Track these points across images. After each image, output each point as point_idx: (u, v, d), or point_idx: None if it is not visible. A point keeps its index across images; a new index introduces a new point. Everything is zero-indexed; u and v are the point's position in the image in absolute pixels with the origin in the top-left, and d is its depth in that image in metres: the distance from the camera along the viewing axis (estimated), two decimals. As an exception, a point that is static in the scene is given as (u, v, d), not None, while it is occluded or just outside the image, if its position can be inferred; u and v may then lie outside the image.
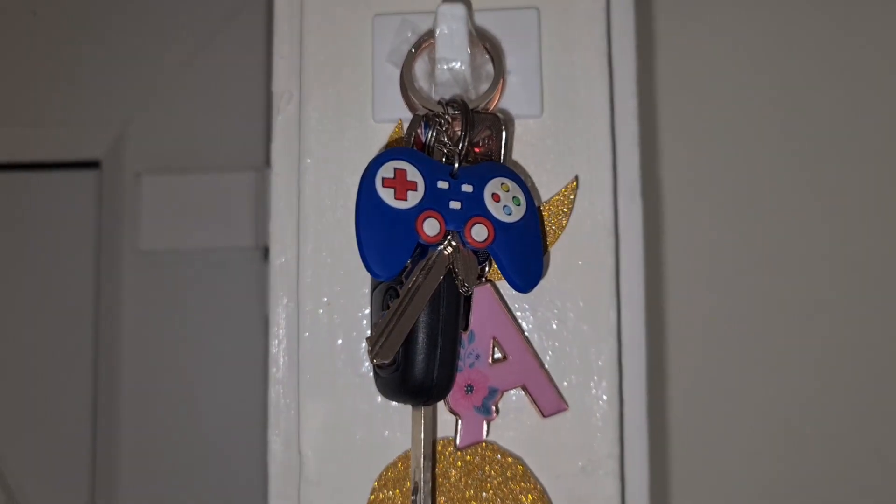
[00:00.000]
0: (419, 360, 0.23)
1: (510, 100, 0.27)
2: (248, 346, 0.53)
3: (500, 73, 0.26)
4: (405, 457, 0.27)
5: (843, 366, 0.49)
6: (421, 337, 0.23)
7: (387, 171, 0.23)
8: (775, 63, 0.51)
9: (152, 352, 0.54)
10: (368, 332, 0.27)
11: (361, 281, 0.27)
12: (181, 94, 0.56)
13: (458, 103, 0.25)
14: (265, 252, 0.54)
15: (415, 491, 0.25)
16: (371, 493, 0.27)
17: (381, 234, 0.22)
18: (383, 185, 0.23)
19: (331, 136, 0.29)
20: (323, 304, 0.28)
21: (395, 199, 0.23)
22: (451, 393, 0.25)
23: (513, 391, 0.26)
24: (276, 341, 0.29)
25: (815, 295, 0.50)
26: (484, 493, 0.26)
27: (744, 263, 0.49)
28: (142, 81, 0.57)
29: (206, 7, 0.57)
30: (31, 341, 0.56)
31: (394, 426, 0.27)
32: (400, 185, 0.23)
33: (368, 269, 0.22)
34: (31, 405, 0.56)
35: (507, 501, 0.26)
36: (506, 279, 0.24)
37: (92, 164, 0.57)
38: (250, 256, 0.54)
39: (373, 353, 0.22)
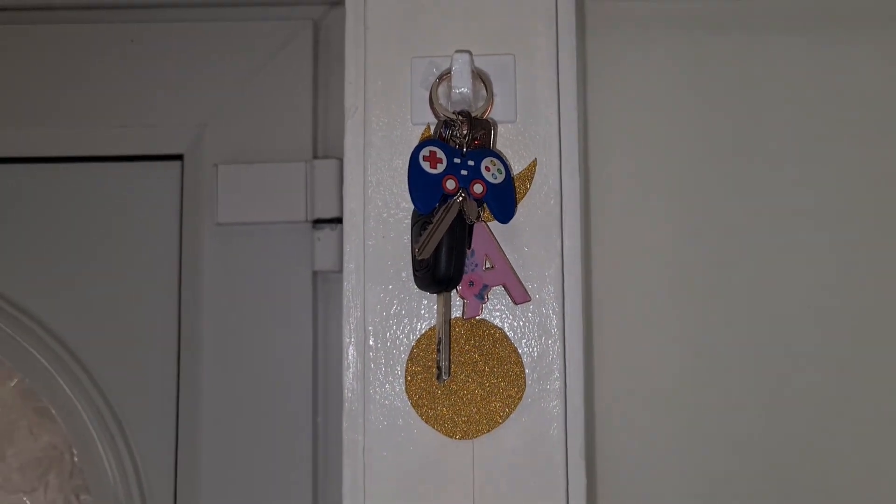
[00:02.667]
0: (442, 263, 0.41)
1: (496, 111, 0.45)
2: (298, 298, 0.71)
3: (490, 96, 0.45)
4: (425, 336, 0.45)
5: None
6: (444, 249, 0.41)
7: (425, 151, 0.41)
8: (689, 83, 0.69)
9: (225, 300, 0.72)
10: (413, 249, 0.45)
11: (404, 230, 0.45)
12: (245, 103, 0.74)
13: (465, 114, 0.44)
14: (313, 223, 0.72)
15: (439, 343, 0.43)
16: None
17: (422, 187, 0.41)
18: (423, 160, 0.41)
19: (384, 134, 0.47)
20: (381, 239, 0.46)
21: (430, 168, 0.41)
22: (459, 285, 0.43)
23: (497, 287, 0.44)
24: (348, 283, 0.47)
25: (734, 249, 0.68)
26: (477, 349, 0.44)
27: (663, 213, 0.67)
28: (215, 93, 0.75)
29: (262, 38, 0.75)
30: (124, 303, 0.74)
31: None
32: (432, 159, 0.41)
33: (416, 206, 0.41)
34: (120, 347, 0.74)
35: (492, 354, 0.44)
36: (493, 215, 0.43)
37: (176, 157, 0.75)
38: (301, 227, 0.72)
39: (419, 254, 0.40)
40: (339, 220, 0.71)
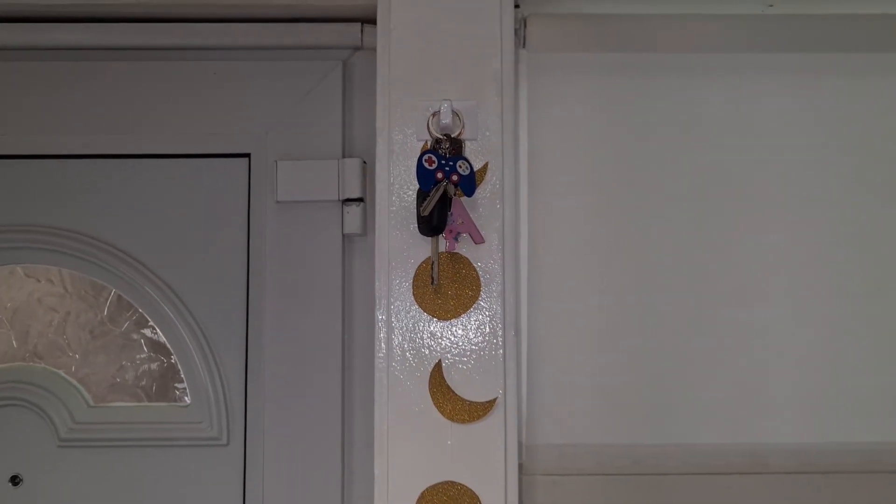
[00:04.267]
0: (435, 218, 0.77)
1: (465, 134, 0.81)
2: (332, 251, 1.06)
3: (461, 125, 0.80)
4: (424, 261, 0.79)
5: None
6: (436, 210, 0.77)
7: (425, 157, 0.77)
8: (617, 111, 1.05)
9: (281, 253, 1.06)
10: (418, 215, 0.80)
11: (412, 202, 0.80)
12: (295, 117, 1.08)
13: (448, 135, 0.79)
14: (343, 202, 1.06)
15: (432, 265, 0.78)
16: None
17: (423, 176, 0.76)
18: (424, 161, 0.76)
19: (400, 146, 0.82)
20: (400, 206, 0.81)
21: (428, 166, 0.76)
22: (444, 232, 0.78)
23: (465, 234, 0.80)
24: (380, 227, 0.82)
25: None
26: (453, 268, 0.79)
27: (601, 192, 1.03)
28: (274, 111, 1.09)
29: (307, 72, 1.09)
30: (211, 256, 1.07)
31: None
32: (429, 161, 0.77)
33: (420, 186, 0.76)
34: (207, 286, 1.07)
35: (462, 271, 0.79)
36: (463, 193, 0.78)
37: (245, 155, 1.09)
38: (334, 204, 1.06)
39: (423, 212, 0.75)
40: (360, 200, 1.05)
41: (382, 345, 0.80)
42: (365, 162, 1.05)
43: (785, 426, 1.04)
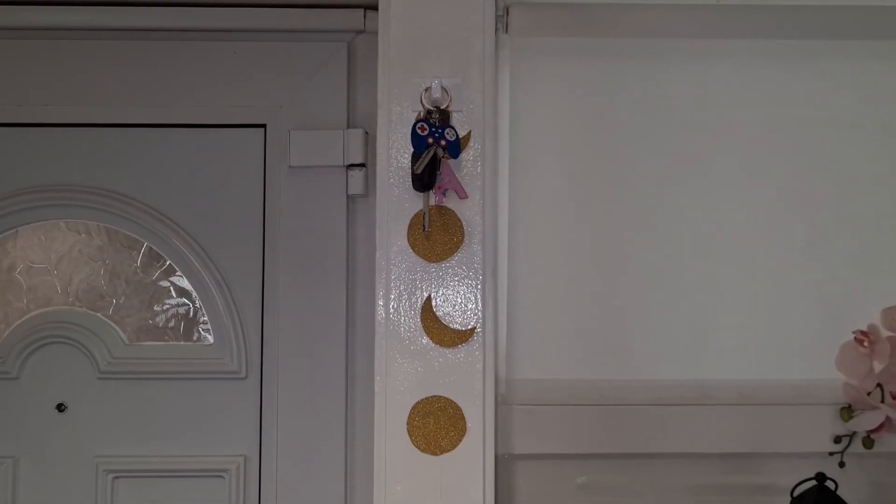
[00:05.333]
0: (426, 175, 0.93)
1: (452, 106, 0.97)
2: (338, 209, 1.22)
3: (449, 99, 0.96)
4: (417, 214, 0.96)
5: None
6: (427, 169, 0.93)
7: (418, 125, 0.93)
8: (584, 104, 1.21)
9: (294, 211, 1.22)
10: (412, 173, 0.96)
11: (407, 163, 0.96)
12: (306, 92, 1.24)
13: (437, 107, 0.95)
14: (347, 167, 1.22)
15: (424, 216, 0.94)
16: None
17: (417, 141, 0.92)
18: (418, 129, 0.93)
19: (398, 115, 0.98)
20: (396, 167, 0.97)
21: (420, 132, 0.93)
22: (433, 188, 0.95)
23: (451, 191, 0.96)
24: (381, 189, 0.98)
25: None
26: (440, 219, 0.96)
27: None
28: (287, 86, 1.25)
29: (316, 52, 1.25)
30: (231, 213, 1.24)
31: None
32: (422, 129, 0.93)
33: (414, 149, 0.92)
34: (226, 237, 1.24)
35: (448, 220, 0.96)
36: (450, 155, 0.94)
37: (262, 126, 1.25)
38: (340, 169, 1.22)
39: (416, 171, 0.92)
40: (363, 165, 1.21)
41: (382, 283, 0.96)
42: (367, 132, 1.21)
43: (730, 364, 1.21)
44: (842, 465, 1.18)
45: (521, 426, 1.17)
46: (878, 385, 1.14)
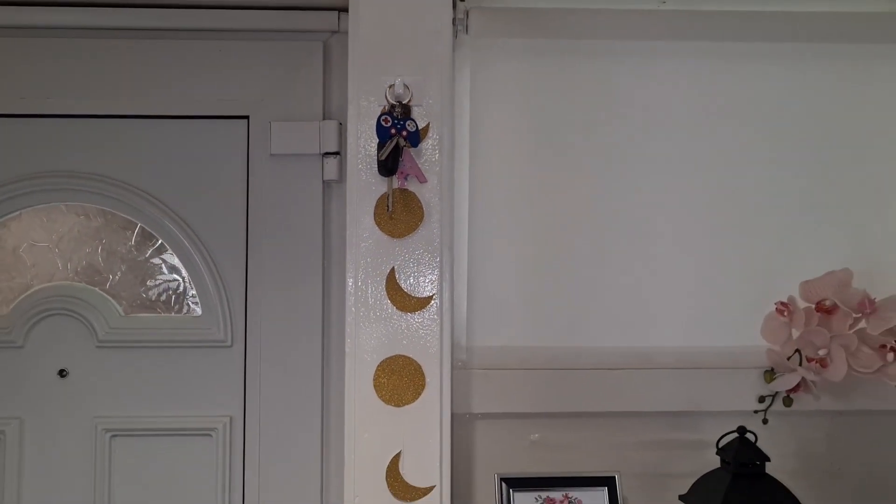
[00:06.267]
0: (389, 161, 1.07)
1: (413, 101, 1.11)
2: (314, 193, 1.36)
3: (410, 95, 1.10)
4: (382, 196, 1.10)
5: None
6: (390, 156, 1.07)
7: (383, 117, 1.07)
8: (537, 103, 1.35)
9: (275, 195, 1.36)
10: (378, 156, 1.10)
11: (373, 151, 1.10)
12: (286, 86, 1.38)
13: (400, 102, 1.09)
14: (323, 155, 1.36)
15: (388, 197, 1.09)
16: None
17: (381, 131, 1.06)
18: (382, 121, 1.07)
19: (366, 109, 1.12)
20: (364, 154, 1.11)
21: (385, 124, 1.07)
22: (396, 173, 1.09)
23: (412, 176, 1.10)
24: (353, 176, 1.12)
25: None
26: (402, 200, 1.10)
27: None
28: (269, 81, 1.38)
29: (295, 50, 1.38)
30: (218, 197, 1.37)
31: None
32: (386, 121, 1.07)
33: (378, 139, 1.06)
34: (212, 217, 1.38)
35: (409, 201, 1.10)
36: (411, 144, 1.08)
37: (245, 117, 1.38)
38: (316, 157, 1.36)
39: (380, 158, 1.06)
40: (337, 153, 1.35)
41: (352, 256, 1.10)
42: (340, 123, 1.35)
43: (667, 332, 1.37)
44: (765, 421, 1.34)
45: (479, 388, 1.32)
46: (797, 350, 1.29)
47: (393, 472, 1.09)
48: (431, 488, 1.09)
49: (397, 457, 1.09)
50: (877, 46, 1.35)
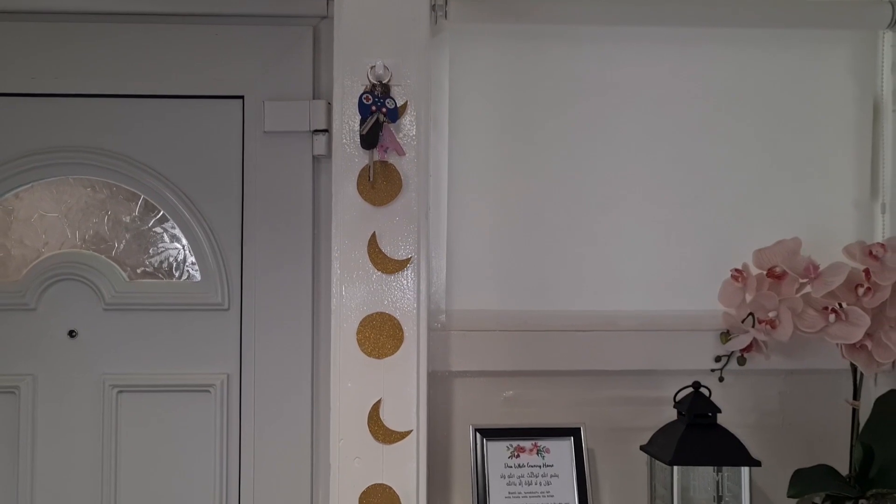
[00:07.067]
0: (370, 134, 1.19)
1: (392, 81, 1.22)
2: (305, 166, 1.48)
3: (390, 75, 1.22)
4: (364, 167, 1.22)
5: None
6: (371, 131, 1.19)
7: (364, 96, 1.19)
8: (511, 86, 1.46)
9: (268, 169, 1.48)
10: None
11: (356, 126, 1.22)
12: (278, 68, 1.49)
13: (381, 82, 1.21)
14: (312, 132, 1.48)
15: (369, 169, 1.20)
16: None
17: (363, 108, 1.18)
18: (364, 99, 1.19)
19: (350, 88, 1.23)
20: (349, 130, 1.23)
21: (366, 102, 1.19)
22: (376, 146, 1.20)
23: (392, 149, 1.22)
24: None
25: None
26: (383, 171, 1.22)
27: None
28: (263, 63, 1.49)
29: (288, 35, 1.50)
30: (217, 171, 1.49)
31: (364, 157, 1.23)
32: (367, 99, 1.19)
33: (360, 115, 1.18)
34: (209, 190, 1.49)
35: (389, 174, 1.22)
36: (390, 120, 1.20)
37: (240, 97, 1.50)
38: (306, 133, 1.48)
39: (362, 132, 1.17)
40: (326, 130, 1.47)
41: (337, 223, 1.22)
42: (329, 102, 1.46)
43: (631, 297, 1.49)
44: (721, 379, 1.46)
45: (457, 348, 1.44)
46: (750, 313, 1.41)
47: (374, 418, 1.21)
48: (409, 432, 1.22)
49: (378, 404, 1.22)
50: (823, 32, 1.47)
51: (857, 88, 1.49)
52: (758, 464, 1.30)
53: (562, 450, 1.39)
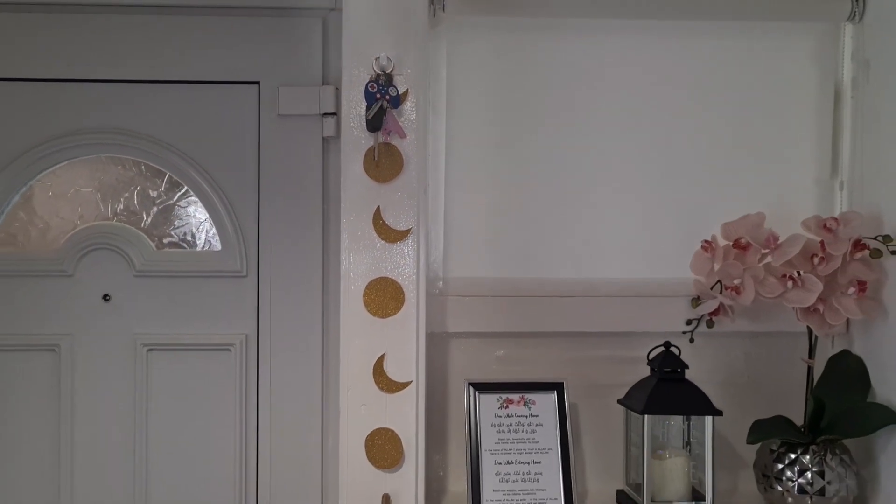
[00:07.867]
0: (374, 119, 1.35)
1: (395, 72, 1.38)
2: (315, 146, 1.63)
3: (392, 66, 1.37)
4: (370, 148, 1.38)
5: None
6: (376, 116, 1.35)
7: (370, 84, 1.34)
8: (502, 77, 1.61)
9: (282, 147, 1.63)
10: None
11: (363, 111, 1.37)
12: (291, 56, 1.65)
13: (384, 71, 1.36)
14: (322, 115, 1.63)
15: (373, 150, 1.36)
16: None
17: (369, 96, 1.33)
18: (369, 87, 1.34)
19: (357, 77, 1.39)
20: (357, 115, 1.38)
21: (371, 90, 1.34)
22: (381, 129, 1.36)
23: (394, 132, 1.37)
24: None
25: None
26: (387, 151, 1.38)
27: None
28: (277, 52, 1.65)
29: (299, 25, 1.65)
30: (234, 148, 1.65)
31: (370, 139, 1.38)
32: (372, 87, 1.34)
33: (366, 102, 1.33)
34: (228, 166, 1.66)
35: (392, 154, 1.38)
36: (392, 107, 1.35)
37: (256, 83, 1.66)
38: (316, 117, 1.63)
39: (368, 116, 1.33)
40: (334, 114, 1.62)
41: (345, 198, 1.38)
42: (337, 88, 1.62)
43: (611, 266, 1.65)
44: (691, 340, 1.62)
45: (454, 312, 1.60)
46: (718, 281, 1.57)
47: (378, 370, 1.38)
48: (409, 383, 1.39)
49: (382, 358, 1.39)
50: (789, 24, 1.61)
51: (819, 76, 1.63)
52: (719, 413, 1.46)
53: (546, 402, 1.55)
